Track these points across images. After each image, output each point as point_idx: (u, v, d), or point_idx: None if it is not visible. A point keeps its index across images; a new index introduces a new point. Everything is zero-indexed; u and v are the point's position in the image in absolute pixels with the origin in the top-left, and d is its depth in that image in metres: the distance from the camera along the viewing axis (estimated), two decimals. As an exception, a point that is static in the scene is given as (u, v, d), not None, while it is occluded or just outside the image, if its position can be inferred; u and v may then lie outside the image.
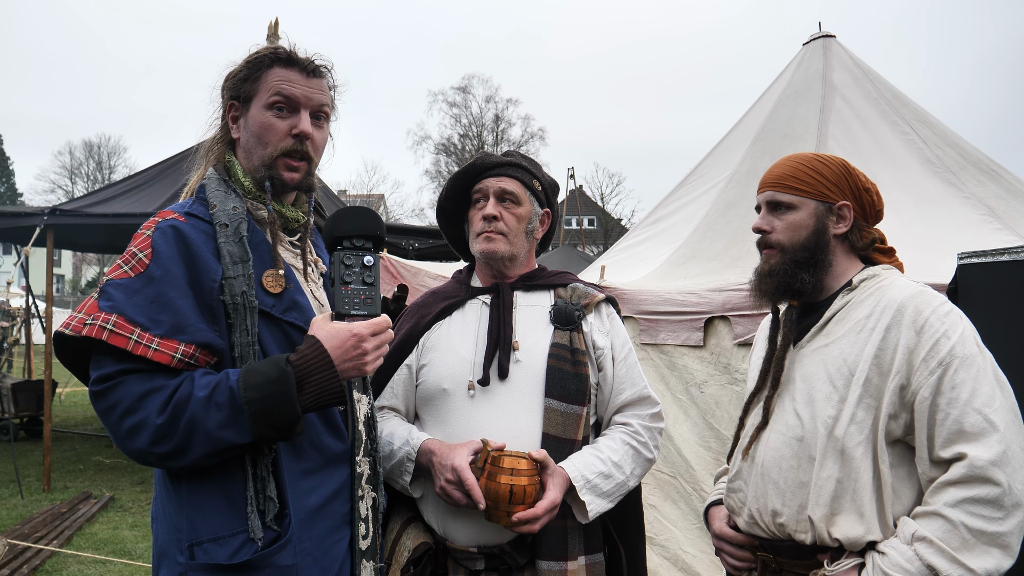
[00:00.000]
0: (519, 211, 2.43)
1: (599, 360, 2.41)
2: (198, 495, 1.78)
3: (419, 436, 2.29)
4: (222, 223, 1.85)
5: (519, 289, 2.47)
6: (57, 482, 8.69)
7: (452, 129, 46.27)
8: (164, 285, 1.73)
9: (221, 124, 2.02)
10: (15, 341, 14.48)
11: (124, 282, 1.73)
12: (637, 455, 2.37)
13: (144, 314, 1.70)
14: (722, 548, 2.23)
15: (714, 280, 4.57)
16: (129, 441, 1.69)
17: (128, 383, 1.69)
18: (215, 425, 1.69)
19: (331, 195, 12.66)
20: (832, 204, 2.08)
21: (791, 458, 2.01)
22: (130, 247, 1.79)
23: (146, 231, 1.81)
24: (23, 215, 9.33)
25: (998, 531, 1.75)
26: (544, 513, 2.13)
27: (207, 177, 1.96)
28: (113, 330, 1.67)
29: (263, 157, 1.92)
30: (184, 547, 1.75)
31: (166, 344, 1.70)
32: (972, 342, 1.87)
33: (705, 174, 5.94)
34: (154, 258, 1.75)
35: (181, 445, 1.69)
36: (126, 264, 1.76)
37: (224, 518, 1.77)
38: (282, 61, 1.94)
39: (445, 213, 2.57)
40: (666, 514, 4.62)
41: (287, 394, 1.72)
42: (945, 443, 1.82)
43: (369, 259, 1.86)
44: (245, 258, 1.83)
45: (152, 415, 1.67)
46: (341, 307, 1.83)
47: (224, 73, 2.00)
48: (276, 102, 1.91)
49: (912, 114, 5.44)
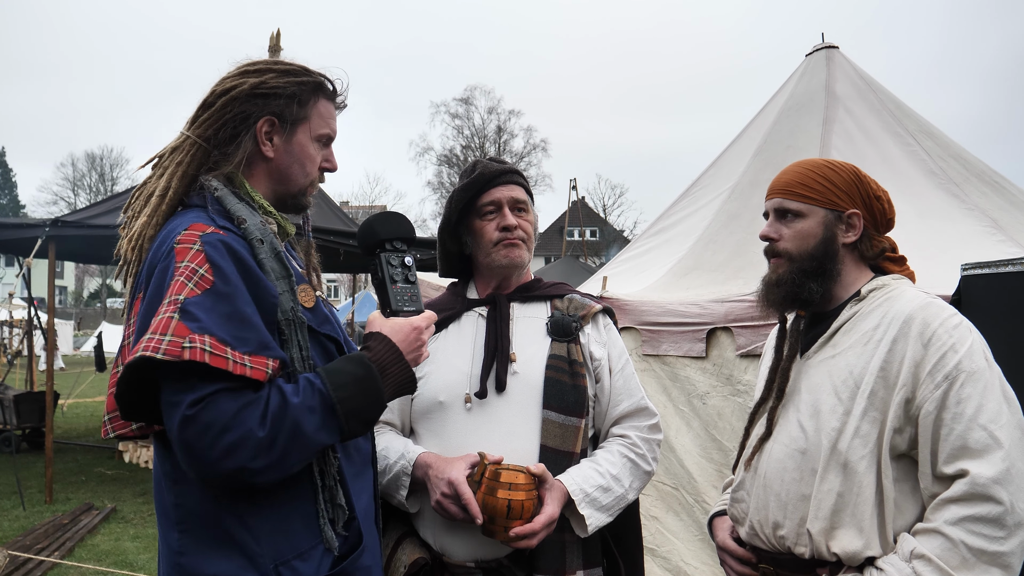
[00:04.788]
0: (530, 219, 2.44)
1: (596, 371, 2.39)
2: (273, 514, 1.75)
3: (415, 450, 2.27)
4: (257, 238, 1.80)
5: (515, 301, 2.46)
6: (59, 493, 8.68)
7: (455, 140, 46.47)
8: (237, 301, 1.67)
9: (240, 134, 1.88)
10: (17, 352, 14.48)
11: (198, 300, 1.62)
12: (635, 468, 2.35)
13: (228, 332, 1.62)
14: (725, 560, 2.22)
15: (716, 291, 4.56)
16: (226, 460, 1.58)
17: (220, 402, 1.59)
18: (312, 429, 1.68)
19: (333, 206, 12.66)
20: (842, 212, 2.05)
21: (794, 470, 1.99)
22: (182, 263, 1.67)
23: (190, 245, 1.70)
24: (25, 226, 9.35)
25: (999, 551, 1.72)
26: (542, 528, 2.11)
27: (215, 189, 1.85)
28: (212, 351, 1.58)
29: (301, 185, 1.98)
30: (269, 570, 1.72)
31: (257, 360, 1.65)
32: (980, 356, 1.84)
33: (708, 185, 5.94)
34: (216, 273, 1.66)
35: (281, 455, 1.64)
36: (189, 281, 1.64)
37: (301, 533, 1.77)
38: (329, 94, 1.99)
39: (449, 228, 2.50)
40: (668, 526, 4.60)
41: (376, 388, 1.79)
42: (948, 459, 1.79)
43: (408, 259, 2.00)
44: (287, 274, 1.81)
45: (254, 429, 1.60)
46: (395, 304, 1.95)
47: (246, 81, 1.87)
48: (327, 136, 1.98)
49: (915, 125, 5.44)
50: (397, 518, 2.36)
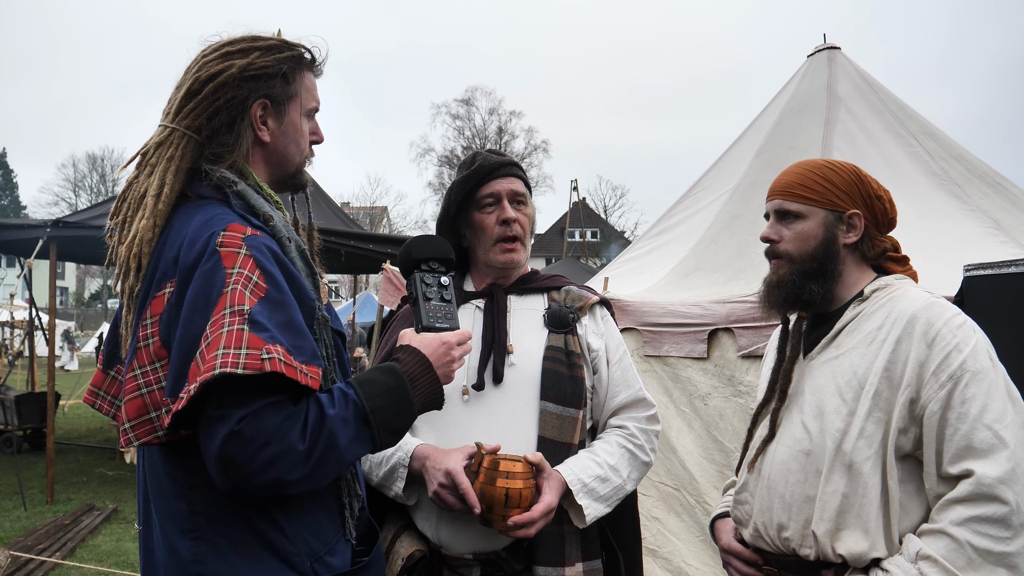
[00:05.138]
0: (528, 211, 2.44)
1: (594, 362, 2.39)
2: (302, 512, 1.74)
3: (412, 442, 2.26)
4: (285, 237, 1.76)
5: (512, 293, 2.46)
6: (60, 494, 8.68)
7: (456, 141, 46.47)
8: (289, 309, 1.63)
9: (236, 121, 1.80)
10: (18, 353, 14.49)
11: (260, 309, 1.56)
12: (634, 458, 2.35)
13: (288, 341, 1.58)
14: (729, 562, 2.21)
15: (718, 292, 4.56)
16: (264, 473, 1.53)
17: (264, 415, 1.54)
18: (347, 441, 1.65)
19: (334, 207, 12.66)
20: (842, 213, 2.05)
21: (798, 472, 1.99)
22: (233, 268, 1.59)
23: (236, 248, 1.62)
24: (26, 227, 9.36)
25: (1005, 551, 1.71)
26: (540, 517, 2.11)
27: (234, 182, 1.77)
28: (285, 362, 1.54)
29: (297, 164, 1.94)
30: (307, 568, 1.71)
31: (312, 370, 1.61)
32: (985, 355, 1.84)
33: (709, 186, 5.93)
34: (268, 280, 1.61)
35: (316, 467, 1.60)
36: (246, 289, 1.57)
37: (327, 527, 1.78)
38: (310, 66, 1.93)
39: (448, 220, 2.50)
40: (669, 526, 4.59)
41: (407, 399, 1.78)
42: (953, 459, 1.79)
43: (445, 279, 2.04)
44: (311, 272, 1.81)
45: (296, 442, 1.56)
46: (427, 320, 1.96)
47: (233, 63, 1.78)
48: (314, 109, 1.95)
49: (917, 126, 5.44)
50: (395, 511, 2.36)
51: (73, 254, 13.79)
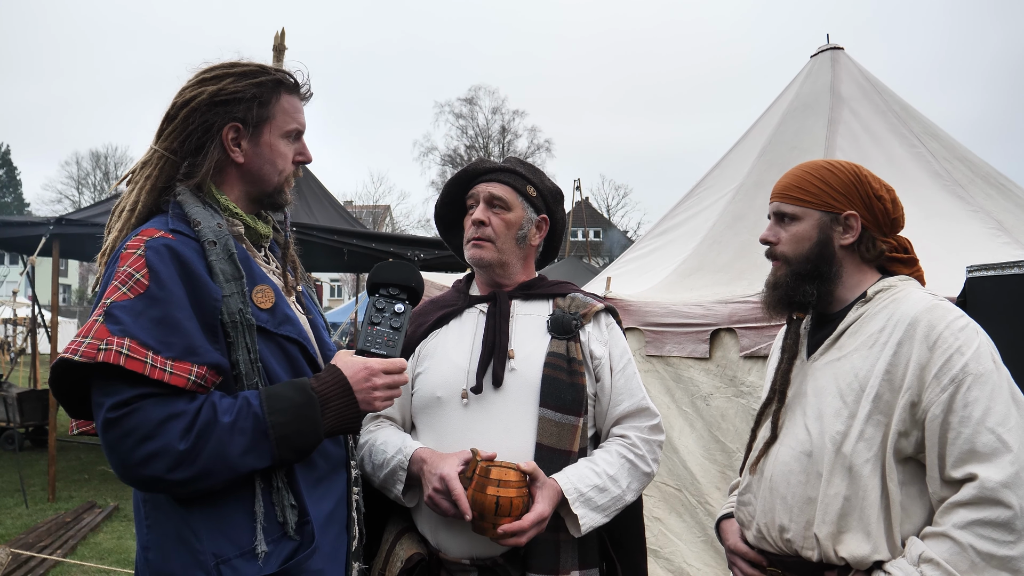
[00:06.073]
0: (508, 216, 2.42)
1: (597, 370, 2.38)
2: (216, 512, 1.76)
3: (412, 445, 2.27)
4: (210, 240, 1.82)
5: (517, 298, 2.46)
6: (62, 492, 8.68)
7: (459, 140, 46.45)
8: (168, 306, 1.69)
9: (206, 144, 1.91)
10: (21, 350, 14.50)
11: (127, 304, 1.67)
12: (634, 468, 2.33)
13: (153, 336, 1.66)
14: (735, 563, 2.20)
15: (720, 292, 4.56)
16: (142, 468, 1.63)
17: (145, 409, 1.64)
18: (239, 451, 1.69)
19: (337, 206, 12.66)
20: (838, 214, 2.05)
21: (800, 473, 1.98)
22: (122, 267, 1.73)
23: (134, 250, 1.75)
24: (29, 224, 9.36)
25: (1008, 555, 1.70)
26: (531, 526, 2.10)
27: (179, 193, 1.89)
28: (129, 354, 1.62)
29: (275, 183, 2.00)
30: (211, 567, 1.72)
31: (180, 367, 1.67)
32: (987, 358, 1.83)
33: (712, 186, 5.93)
34: (152, 278, 1.70)
35: (202, 472, 1.66)
36: (123, 285, 1.69)
37: (245, 532, 1.77)
38: (290, 88, 2.00)
39: (444, 220, 2.59)
40: (671, 527, 4.59)
41: (313, 418, 1.78)
42: (956, 463, 1.78)
43: (400, 307, 2.02)
44: (238, 276, 1.82)
45: (174, 441, 1.63)
46: (363, 344, 1.96)
47: (204, 90, 1.90)
48: (295, 131, 2.00)
49: (920, 127, 5.43)
50: (398, 512, 2.37)
51: (76, 251, 13.78)
